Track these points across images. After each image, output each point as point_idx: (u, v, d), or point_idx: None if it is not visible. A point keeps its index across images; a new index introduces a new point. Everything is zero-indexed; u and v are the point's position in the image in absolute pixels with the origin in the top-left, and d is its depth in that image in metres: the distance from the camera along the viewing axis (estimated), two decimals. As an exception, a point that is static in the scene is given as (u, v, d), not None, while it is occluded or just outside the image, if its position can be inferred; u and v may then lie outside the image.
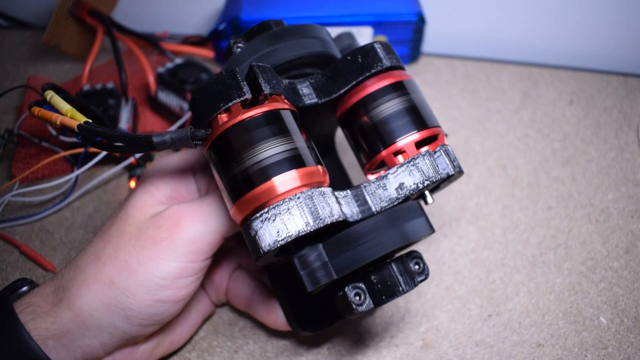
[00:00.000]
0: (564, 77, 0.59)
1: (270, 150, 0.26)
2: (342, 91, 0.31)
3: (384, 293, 0.28)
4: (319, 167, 0.27)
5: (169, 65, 0.51)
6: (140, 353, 0.31)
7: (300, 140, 0.27)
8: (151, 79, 0.51)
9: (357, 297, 0.28)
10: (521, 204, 0.45)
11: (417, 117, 0.30)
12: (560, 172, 0.48)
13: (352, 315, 0.29)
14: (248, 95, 0.26)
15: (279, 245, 0.25)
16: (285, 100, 0.28)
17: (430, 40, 0.63)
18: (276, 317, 0.34)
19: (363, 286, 0.28)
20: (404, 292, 0.28)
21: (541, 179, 0.48)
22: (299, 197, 0.25)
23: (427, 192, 0.30)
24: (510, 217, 0.44)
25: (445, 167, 0.29)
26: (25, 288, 0.30)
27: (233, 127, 0.26)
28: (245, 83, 0.27)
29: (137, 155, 0.44)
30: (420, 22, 0.55)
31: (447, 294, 0.39)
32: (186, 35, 0.62)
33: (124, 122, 0.47)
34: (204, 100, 0.27)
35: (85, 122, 0.27)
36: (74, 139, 0.44)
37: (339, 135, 0.38)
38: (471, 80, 0.58)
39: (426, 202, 0.30)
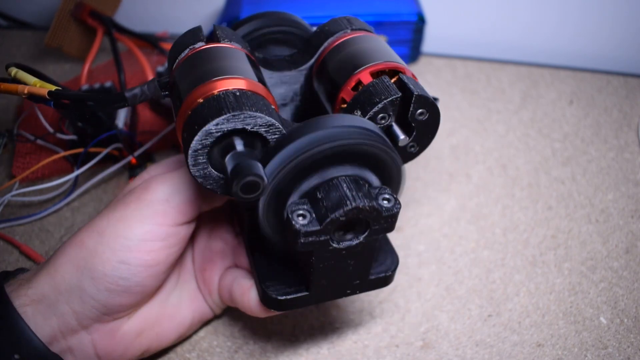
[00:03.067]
0: (564, 77, 0.59)
1: (220, 63, 0.26)
2: (312, 60, 0.32)
3: (330, 208, 0.24)
4: (265, 87, 0.26)
5: (169, 65, 0.51)
6: (121, 336, 0.31)
7: (250, 70, 0.27)
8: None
9: (301, 218, 0.24)
10: (521, 204, 0.45)
11: (377, 53, 0.29)
12: (560, 172, 0.48)
13: (298, 245, 0.24)
14: (203, 44, 0.28)
15: (204, 142, 0.23)
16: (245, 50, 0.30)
17: (430, 40, 0.63)
18: (249, 298, 0.32)
19: (306, 207, 0.25)
20: (356, 205, 0.24)
21: (541, 179, 0.47)
22: (232, 93, 0.24)
23: (395, 127, 0.28)
24: (510, 217, 0.44)
25: (403, 86, 0.27)
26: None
27: (188, 57, 0.27)
28: (204, 36, 0.29)
29: (136, 154, 0.44)
30: (420, 22, 0.55)
31: (447, 294, 0.39)
32: (186, 35, 0.62)
33: (121, 121, 0.46)
34: (171, 56, 0.29)
35: (55, 89, 0.28)
36: (73, 137, 0.44)
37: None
38: (471, 80, 0.58)
39: (397, 139, 0.27)
